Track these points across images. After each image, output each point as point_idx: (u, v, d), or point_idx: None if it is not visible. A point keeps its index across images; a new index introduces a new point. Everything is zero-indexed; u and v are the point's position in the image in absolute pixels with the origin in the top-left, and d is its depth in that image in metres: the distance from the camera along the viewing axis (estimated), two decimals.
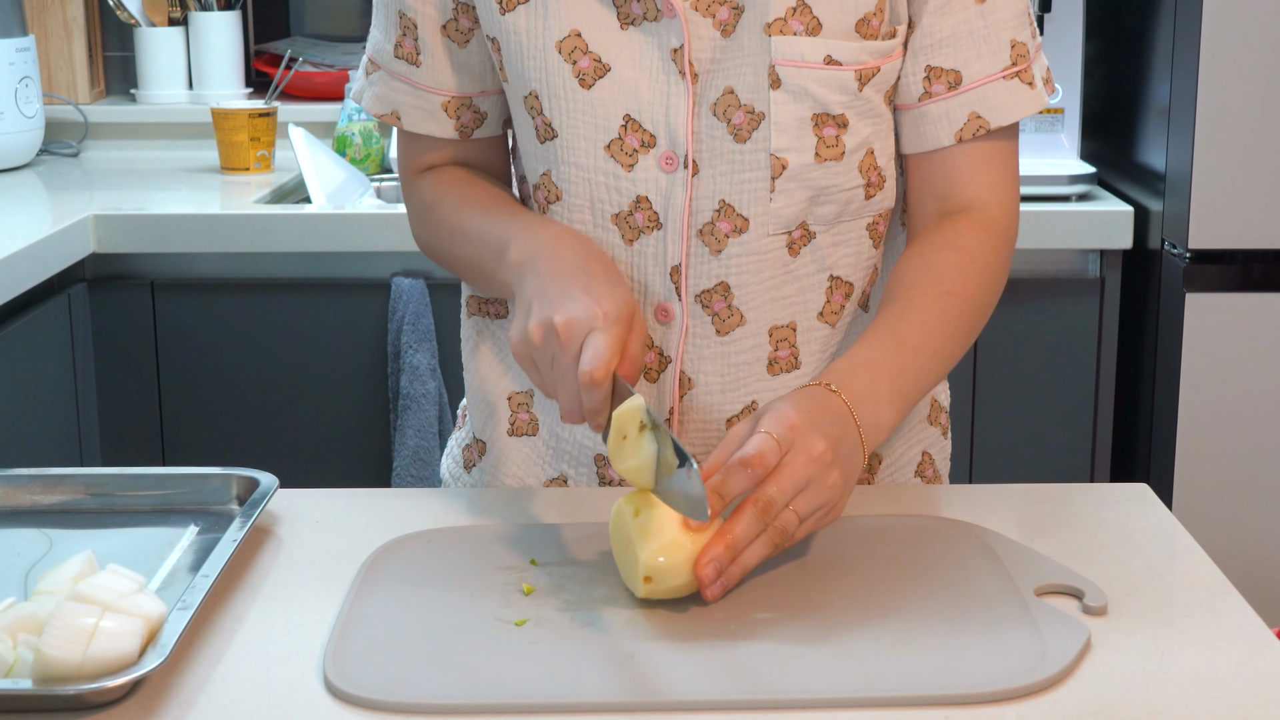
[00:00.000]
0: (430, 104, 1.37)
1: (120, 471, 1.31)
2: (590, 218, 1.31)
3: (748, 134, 1.26)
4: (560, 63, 1.27)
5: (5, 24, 2.73)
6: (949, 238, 1.30)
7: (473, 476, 1.45)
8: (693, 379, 1.33)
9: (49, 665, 0.94)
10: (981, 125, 1.29)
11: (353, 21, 3.30)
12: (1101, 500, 1.32)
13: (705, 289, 1.30)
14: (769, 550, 1.10)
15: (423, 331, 2.40)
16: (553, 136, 1.30)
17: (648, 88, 1.27)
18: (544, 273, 1.22)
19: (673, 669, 1.00)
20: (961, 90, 1.29)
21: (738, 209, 1.28)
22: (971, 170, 1.31)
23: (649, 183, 1.28)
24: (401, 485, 2.40)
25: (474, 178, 1.40)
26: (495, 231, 1.31)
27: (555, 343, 1.16)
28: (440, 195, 1.39)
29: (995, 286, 1.32)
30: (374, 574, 1.14)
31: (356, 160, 2.91)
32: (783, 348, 1.32)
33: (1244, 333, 2.32)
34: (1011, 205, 1.33)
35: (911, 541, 1.19)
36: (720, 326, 1.31)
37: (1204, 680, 0.99)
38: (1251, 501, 2.36)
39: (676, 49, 1.25)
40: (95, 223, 2.39)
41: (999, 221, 1.32)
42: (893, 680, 0.98)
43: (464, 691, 0.97)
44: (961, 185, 1.31)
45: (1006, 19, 1.29)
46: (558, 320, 1.16)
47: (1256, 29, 2.25)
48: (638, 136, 1.28)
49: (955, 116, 1.30)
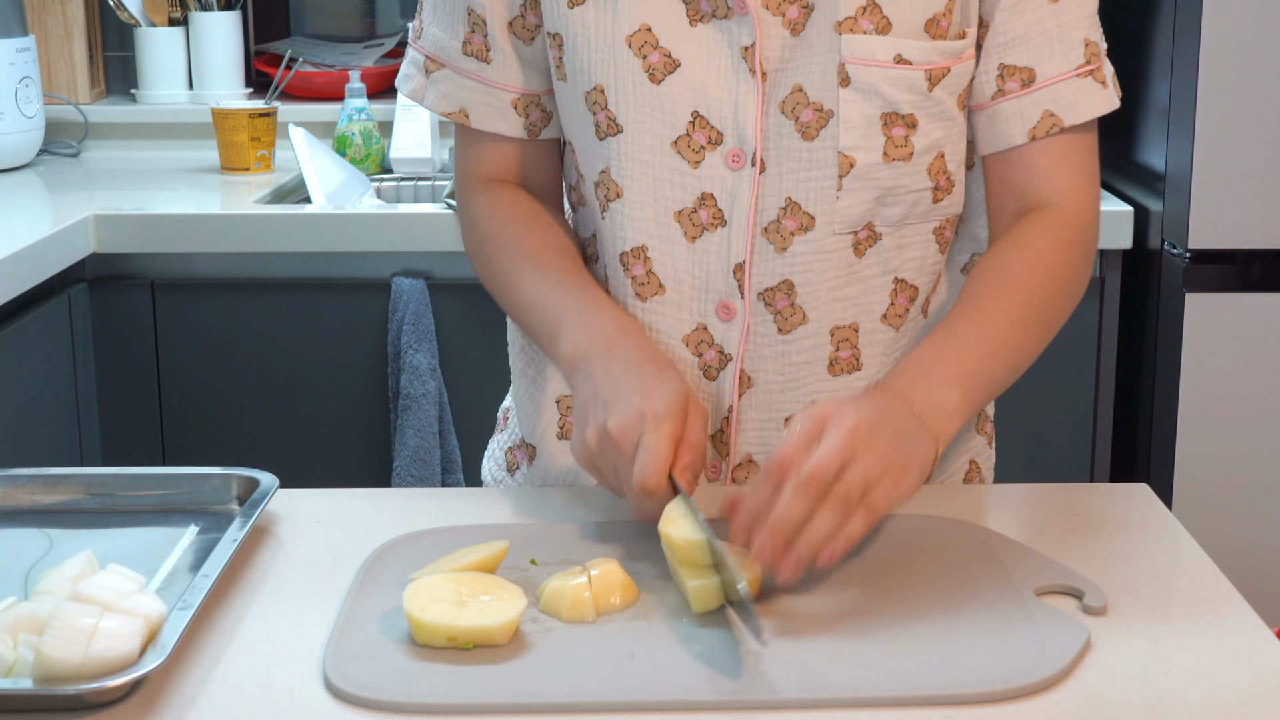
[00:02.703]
0: (500, 101, 1.37)
1: (120, 471, 1.31)
2: (652, 214, 1.31)
3: (815, 132, 1.27)
4: (630, 57, 1.28)
5: (5, 24, 2.73)
6: (1021, 237, 1.30)
7: (517, 480, 1.45)
8: (753, 377, 1.32)
9: (49, 665, 0.94)
10: (1055, 123, 1.29)
11: (353, 21, 3.30)
12: (1101, 500, 1.32)
13: (768, 287, 1.30)
14: (836, 520, 1.07)
15: (423, 331, 2.40)
16: (617, 132, 1.30)
17: (716, 84, 1.27)
18: (597, 374, 1.22)
19: (672, 669, 1.00)
20: (1035, 88, 1.29)
21: (804, 207, 1.28)
22: (1048, 168, 1.31)
23: (714, 180, 1.29)
24: (401, 485, 2.40)
25: (529, 211, 1.38)
26: (548, 306, 1.30)
27: (613, 449, 1.17)
28: (495, 229, 1.38)
29: (1067, 283, 1.31)
30: (374, 574, 1.14)
31: (356, 160, 2.91)
32: (844, 348, 1.32)
33: (1244, 333, 2.32)
34: (1089, 203, 1.33)
35: (911, 541, 1.19)
36: (782, 325, 1.31)
37: (1204, 680, 0.99)
38: (1251, 501, 2.36)
39: (747, 47, 1.26)
40: (95, 223, 2.39)
41: (1075, 219, 1.31)
42: (892, 680, 0.98)
43: (464, 691, 0.97)
44: (1039, 183, 1.31)
45: (1079, 18, 1.30)
46: (612, 426, 1.17)
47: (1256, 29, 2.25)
48: (705, 133, 1.28)
49: (1028, 114, 1.30)
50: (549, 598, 1.07)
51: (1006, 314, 1.27)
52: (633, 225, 1.31)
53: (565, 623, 1.06)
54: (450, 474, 2.44)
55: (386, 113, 2.99)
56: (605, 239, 1.34)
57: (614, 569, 1.09)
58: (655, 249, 1.31)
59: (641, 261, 1.32)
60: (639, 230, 1.31)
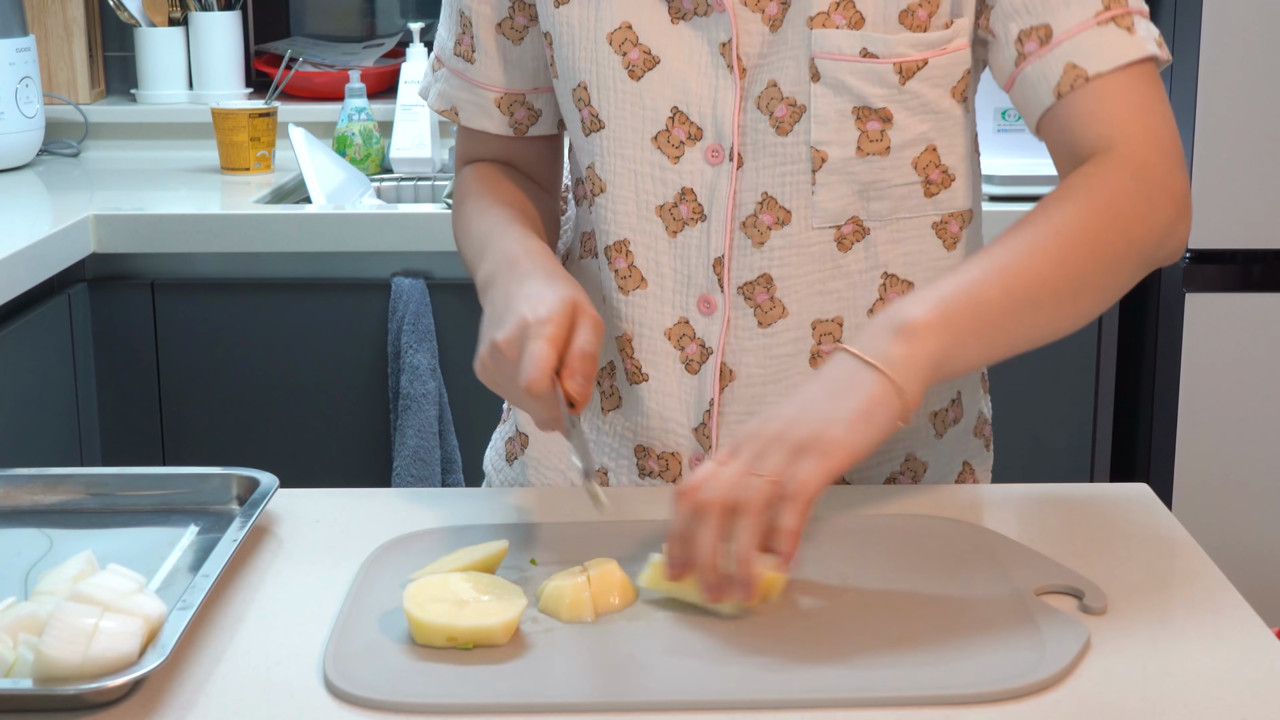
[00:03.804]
0: (484, 100, 1.41)
1: (120, 471, 1.31)
2: (634, 209, 1.32)
3: (789, 127, 1.27)
4: (610, 54, 1.29)
5: (5, 24, 2.73)
6: (1065, 184, 1.21)
7: (514, 469, 1.47)
8: (734, 371, 1.33)
9: (49, 665, 0.94)
10: (1079, 74, 1.22)
11: (353, 21, 3.30)
12: (1101, 500, 1.32)
13: (747, 281, 1.31)
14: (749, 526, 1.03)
15: (423, 331, 2.40)
16: (599, 128, 1.32)
17: (696, 80, 1.28)
18: (496, 294, 1.24)
19: (672, 669, 1.00)
20: (1054, 44, 1.23)
21: (780, 201, 1.28)
22: (1089, 115, 1.23)
23: (694, 175, 1.30)
24: (401, 485, 2.40)
25: (500, 176, 1.42)
26: (480, 244, 1.33)
27: (503, 361, 1.17)
28: (465, 192, 1.42)
29: (1118, 221, 1.19)
30: (374, 574, 1.14)
31: (356, 160, 2.91)
32: (826, 342, 1.32)
33: (1244, 333, 2.32)
34: (1147, 136, 1.22)
35: (911, 541, 1.19)
36: (762, 318, 1.31)
37: (1204, 680, 0.99)
38: (1251, 501, 2.36)
39: (725, 43, 1.26)
40: (95, 223, 2.39)
41: (1131, 157, 1.21)
42: (893, 680, 0.98)
43: (463, 691, 0.97)
44: (1083, 132, 1.23)
45: None
46: (499, 338, 1.17)
47: (1256, 29, 2.25)
48: (685, 129, 1.29)
49: (1052, 72, 1.23)
50: (548, 598, 1.07)
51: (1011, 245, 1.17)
52: (616, 220, 1.33)
53: (564, 623, 1.06)
54: (450, 474, 2.44)
55: (386, 113, 2.99)
56: (593, 233, 1.37)
57: (613, 569, 1.09)
58: (637, 243, 1.33)
59: (624, 255, 1.33)
60: (621, 225, 1.33)
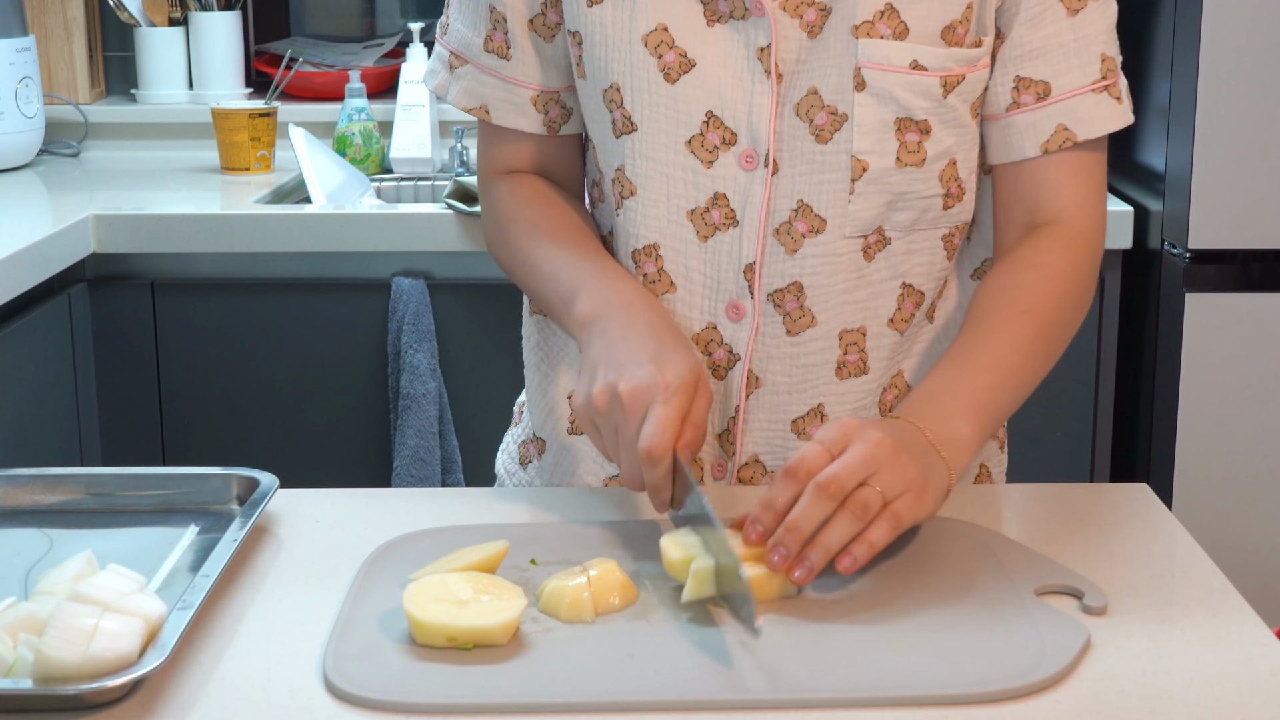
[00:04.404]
0: (519, 98, 1.38)
1: (120, 471, 1.31)
2: (665, 213, 1.31)
3: (829, 135, 1.27)
4: (645, 56, 1.28)
5: (5, 24, 2.73)
6: (1028, 256, 1.30)
7: (529, 473, 1.46)
8: (760, 378, 1.33)
9: (49, 665, 0.94)
10: (1068, 137, 1.29)
11: (353, 21, 3.30)
12: (1101, 500, 1.32)
13: (778, 288, 1.30)
14: (851, 526, 1.08)
15: (423, 331, 2.40)
16: (631, 130, 1.30)
17: (732, 85, 1.27)
18: (613, 334, 1.22)
19: (672, 669, 1.00)
20: (1050, 102, 1.29)
21: (816, 209, 1.28)
22: (1058, 182, 1.31)
23: (728, 180, 1.29)
24: (401, 485, 2.40)
25: (549, 195, 1.40)
26: (565, 276, 1.31)
27: (619, 411, 1.16)
28: (515, 212, 1.39)
29: (1074, 303, 1.31)
30: (374, 574, 1.14)
31: (356, 160, 2.91)
32: (852, 352, 1.33)
33: (1244, 333, 2.32)
34: (1097, 219, 1.33)
35: (911, 541, 1.19)
36: (791, 326, 1.31)
37: (1204, 680, 0.99)
38: (1251, 501, 2.36)
39: (763, 48, 1.26)
40: (95, 223, 2.39)
41: (1083, 236, 1.31)
42: (892, 680, 0.98)
43: (463, 691, 0.97)
44: (1050, 197, 1.31)
45: (1097, 33, 1.29)
46: (622, 389, 1.16)
47: (1256, 29, 2.25)
48: (719, 133, 1.28)
49: (1042, 128, 1.30)
50: (548, 598, 1.07)
51: (1016, 338, 1.26)
52: (645, 223, 1.32)
53: (564, 623, 1.06)
54: (450, 474, 2.44)
55: (386, 113, 2.99)
56: (620, 235, 1.35)
57: (613, 569, 1.09)
58: (667, 247, 1.32)
59: (654, 259, 1.33)
60: (652, 228, 1.32)
